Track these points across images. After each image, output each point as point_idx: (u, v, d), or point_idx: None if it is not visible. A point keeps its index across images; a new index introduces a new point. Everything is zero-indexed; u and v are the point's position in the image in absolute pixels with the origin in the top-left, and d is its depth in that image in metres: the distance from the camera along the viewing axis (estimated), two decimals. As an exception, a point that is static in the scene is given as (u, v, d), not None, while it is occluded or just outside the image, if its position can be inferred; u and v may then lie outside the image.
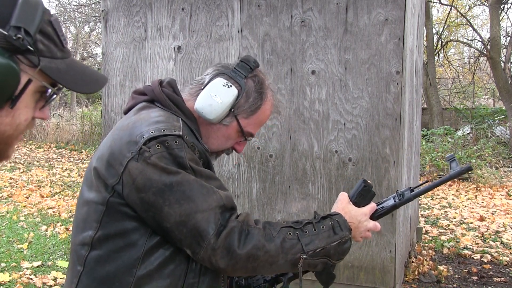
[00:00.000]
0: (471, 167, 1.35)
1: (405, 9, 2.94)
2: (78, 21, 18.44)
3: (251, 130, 1.39)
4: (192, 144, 1.23)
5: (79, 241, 1.25)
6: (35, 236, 5.08)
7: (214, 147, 1.38)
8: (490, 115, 12.32)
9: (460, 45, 20.09)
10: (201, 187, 1.18)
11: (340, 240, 1.26)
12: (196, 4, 3.34)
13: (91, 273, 1.22)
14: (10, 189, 7.48)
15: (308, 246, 1.22)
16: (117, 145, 1.21)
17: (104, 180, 1.21)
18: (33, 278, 3.90)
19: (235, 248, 1.16)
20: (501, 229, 5.71)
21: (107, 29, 3.54)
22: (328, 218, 1.29)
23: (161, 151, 1.17)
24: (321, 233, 1.25)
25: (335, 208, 1.37)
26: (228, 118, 1.34)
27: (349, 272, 3.09)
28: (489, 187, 8.26)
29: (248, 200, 3.28)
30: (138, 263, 1.19)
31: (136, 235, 1.20)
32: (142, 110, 1.30)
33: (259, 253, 1.18)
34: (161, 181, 1.15)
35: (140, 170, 1.16)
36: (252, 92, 1.36)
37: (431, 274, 3.99)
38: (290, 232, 1.23)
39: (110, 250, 1.20)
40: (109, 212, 1.21)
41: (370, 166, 3.03)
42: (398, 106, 2.97)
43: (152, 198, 1.16)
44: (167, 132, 1.19)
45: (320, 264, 1.26)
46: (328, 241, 1.25)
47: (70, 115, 15.49)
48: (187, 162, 1.18)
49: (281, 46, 3.18)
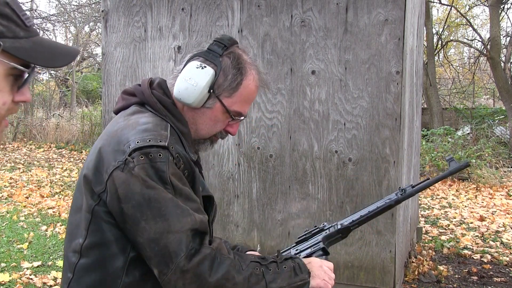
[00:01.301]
0: (469, 163, 1.40)
1: (405, 9, 2.94)
2: (78, 21, 18.43)
3: (238, 109, 1.34)
4: (177, 155, 1.21)
5: (71, 248, 1.26)
6: (35, 236, 5.08)
7: (204, 132, 1.35)
8: (490, 115, 12.31)
9: (460, 45, 20.09)
10: (176, 207, 1.16)
11: (300, 282, 1.30)
12: (196, 4, 3.34)
13: (80, 281, 1.22)
14: (10, 189, 7.48)
15: (271, 284, 1.25)
16: (105, 151, 1.21)
17: (91, 186, 1.21)
18: (33, 278, 3.90)
19: (206, 276, 1.15)
20: (501, 229, 5.71)
21: (107, 29, 3.54)
22: (290, 259, 1.32)
23: (143, 162, 1.16)
24: (283, 273, 1.28)
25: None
26: (210, 100, 1.30)
27: (349, 272, 3.09)
28: (489, 187, 8.26)
29: (248, 200, 3.28)
30: (123, 274, 1.20)
31: (119, 245, 1.20)
32: (132, 115, 1.29)
33: (227, 284, 1.18)
34: (141, 194, 1.14)
35: (123, 180, 1.15)
36: (230, 69, 1.30)
37: (431, 274, 3.99)
38: (257, 267, 1.25)
39: (97, 259, 1.21)
40: (95, 221, 1.21)
41: (370, 166, 3.03)
42: (398, 106, 2.97)
43: (130, 210, 1.15)
44: (153, 143, 1.18)
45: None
46: (290, 282, 1.28)
47: (70, 115, 15.49)
48: (168, 177, 1.17)
49: (281, 46, 3.18)
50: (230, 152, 3.32)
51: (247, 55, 1.36)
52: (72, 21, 18.30)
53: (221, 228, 3.32)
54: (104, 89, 3.59)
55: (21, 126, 14.34)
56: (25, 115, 15.08)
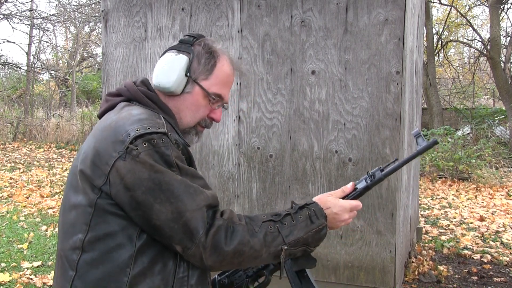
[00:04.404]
0: (437, 141, 1.36)
1: (405, 9, 2.94)
2: (78, 21, 18.43)
3: (217, 91, 1.37)
4: (175, 141, 1.25)
5: (69, 246, 1.25)
6: (35, 236, 5.08)
7: (187, 120, 1.37)
8: (490, 115, 12.31)
9: (460, 45, 20.09)
10: (188, 187, 1.20)
11: (317, 228, 1.30)
12: (196, 4, 3.34)
13: (85, 276, 1.22)
14: (10, 189, 7.48)
15: (288, 237, 1.27)
16: (102, 145, 1.22)
17: (90, 181, 1.21)
18: (33, 278, 3.90)
19: (222, 246, 1.20)
20: (501, 229, 5.71)
21: (107, 29, 3.54)
22: (305, 208, 1.32)
23: (148, 149, 1.18)
24: (299, 223, 1.29)
25: (315, 198, 1.40)
26: (189, 85, 1.35)
27: (349, 272, 3.09)
28: (489, 187, 8.26)
29: (248, 200, 3.28)
30: (131, 262, 1.20)
31: (126, 234, 1.21)
32: (122, 109, 1.31)
33: (244, 248, 1.22)
34: (151, 179, 1.17)
35: (129, 169, 1.17)
36: (202, 54, 1.37)
37: (431, 274, 3.99)
38: (271, 226, 1.27)
39: (102, 252, 1.21)
40: (98, 214, 1.21)
41: (370, 166, 3.03)
42: (398, 106, 2.97)
43: (141, 196, 1.17)
44: (153, 130, 1.21)
45: (299, 252, 1.31)
46: (306, 230, 1.29)
47: (70, 115, 15.49)
48: (173, 160, 1.21)
49: (281, 46, 3.18)
50: (230, 152, 3.32)
51: (217, 45, 1.43)
52: (72, 21, 18.30)
53: (221, 228, 3.32)
54: (104, 89, 3.59)
55: (21, 126, 14.34)
56: (25, 115, 15.08)
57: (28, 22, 15.82)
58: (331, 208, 1.35)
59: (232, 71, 1.41)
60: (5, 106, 16.71)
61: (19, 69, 17.52)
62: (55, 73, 18.82)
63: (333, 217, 1.35)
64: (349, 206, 1.37)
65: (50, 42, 19.68)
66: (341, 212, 1.35)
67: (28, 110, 15.51)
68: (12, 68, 17.75)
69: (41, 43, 18.72)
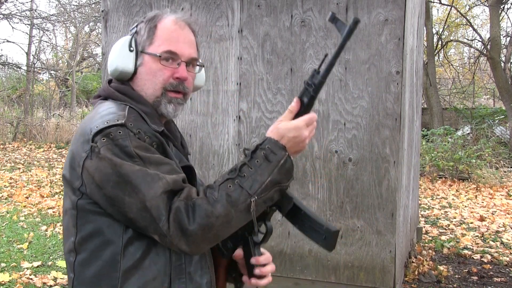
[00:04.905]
0: (358, 19, 1.24)
1: (405, 9, 2.94)
2: (78, 21, 18.43)
3: (166, 48, 1.32)
4: (138, 131, 1.22)
5: (67, 249, 1.28)
6: (35, 236, 5.08)
7: (150, 90, 1.33)
8: (490, 115, 12.31)
9: (460, 45, 20.09)
10: (145, 176, 1.16)
11: (279, 164, 1.20)
12: (196, 4, 3.34)
13: (80, 277, 1.24)
14: (10, 189, 7.48)
15: (253, 187, 1.17)
16: (75, 148, 1.24)
17: (70, 185, 1.23)
18: (33, 278, 3.90)
19: (186, 227, 1.14)
20: (501, 229, 5.71)
21: (107, 29, 3.54)
22: (258, 149, 1.22)
23: (107, 143, 1.18)
24: (258, 168, 1.19)
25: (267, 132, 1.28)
26: (139, 58, 1.33)
27: (349, 272, 3.09)
28: (489, 187, 8.27)
29: (248, 200, 3.27)
30: (120, 257, 1.20)
31: (112, 231, 1.21)
32: (93, 110, 1.32)
33: (210, 220, 1.14)
34: (114, 173, 1.16)
35: (95, 167, 1.17)
36: (144, 26, 1.36)
37: (431, 274, 3.99)
38: (229, 185, 1.18)
39: (91, 251, 1.22)
40: (81, 215, 1.22)
41: (370, 166, 3.03)
42: (398, 106, 2.97)
43: (112, 192, 1.17)
44: (111, 123, 1.20)
45: (275, 194, 1.21)
46: (268, 172, 1.19)
47: (70, 115, 15.49)
48: (132, 150, 1.18)
49: (281, 46, 3.18)
50: (230, 152, 3.32)
51: (163, 13, 1.40)
52: (72, 21, 18.30)
53: (221, 228, 3.32)
54: (104, 89, 3.59)
55: (21, 126, 14.34)
56: (25, 115, 15.08)
57: (28, 22, 15.83)
58: (286, 134, 1.22)
59: (177, 25, 1.35)
60: (5, 106, 16.71)
61: (19, 69, 17.52)
62: (55, 73, 18.82)
63: (293, 142, 1.23)
64: (303, 123, 1.24)
65: (50, 42, 19.70)
66: (298, 133, 1.23)
67: (28, 110, 15.51)
68: (12, 68, 17.75)
69: (41, 43, 18.74)
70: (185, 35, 1.36)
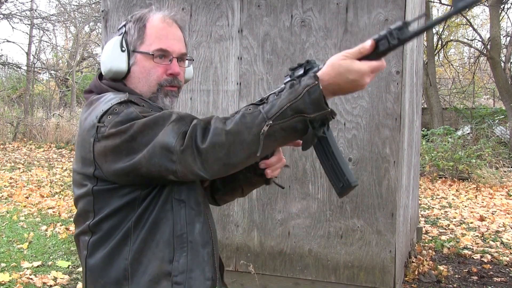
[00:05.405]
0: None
1: (405, 9, 2.94)
2: (78, 21, 18.42)
3: (157, 46, 1.36)
4: (142, 104, 1.28)
5: (81, 232, 1.34)
6: (35, 236, 5.08)
7: (145, 87, 1.37)
8: (490, 115, 12.31)
9: (460, 45, 20.08)
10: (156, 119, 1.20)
11: (303, 91, 1.11)
12: (196, 4, 3.34)
13: (95, 254, 1.30)
14: (10, 189, 7.48)
15: (270, 111, 1.11)
16: (82, 138, 1.29)
17: (84, 174, 1.29)
18: (33, 278, 3.90)
19: (198, 145, 1.13)
20: (501, 229, 5.71)
21: (107, 29, 3.54)
22: (293, 80, 1.18)
23: (113, 119, 1.22)
24: (281, 95, 1.14)
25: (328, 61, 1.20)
26: (132, 58, 1.37)
27: (349, 272, 3.09)
28: (489, 187, 8.27)
29: (248, 200, 3.28)
30: (130, 234, 1.27)
31: (125, 212, 1.27)
32: (89, 103, 1.36)
33: (221, 138, 1.12)
34: (124, 141, 1.20)
35: (104, 146, 1.22)
36: (132, 26, 1.39)
37: (431, 274, 3.99)
38: (249, 108, 1.16)
39: (106, 230, 1.28)
40: (98, 198, 1.28)
41: (370, 166, 3.03)
42: (398, 106, 2.97)
43: (126, 162, 1.20)
44: (114, 102, 1.26)
45: (298, 124, 1.12)
46: (290, 97, 1.12)
47: (70, 115, 15.49)
48: (138, 113, 1.22)
49: (281, 46, 3.18)
50: (230, 152, 3.32)
51: (150, 11, 1.44)
52: (72, 21, 18.30)
53: (221, 228, 3.32)
54: (104, 89, 3.59)
55: (21, 126, 14.34)
56: (25, 115, 15.08)
57: (28, 22, 15.83)
58: (346, 74, 1.12)
59: (165, 22, 1.39)
60: (5, 106, 16.71)
61: (19, 69, 17.51)
62: (55, 73, 18.81)
63: (352, 85, 1.14)
64: (368, 69, 1.13)
65: (50, 42, 19.70)
66: (359, 77, 1.13)
67: (28, 110, 15.51)
68: (12, 68, 17.74)
69: (41, 43, 18.74)
70: (174, 32, 1.40)
